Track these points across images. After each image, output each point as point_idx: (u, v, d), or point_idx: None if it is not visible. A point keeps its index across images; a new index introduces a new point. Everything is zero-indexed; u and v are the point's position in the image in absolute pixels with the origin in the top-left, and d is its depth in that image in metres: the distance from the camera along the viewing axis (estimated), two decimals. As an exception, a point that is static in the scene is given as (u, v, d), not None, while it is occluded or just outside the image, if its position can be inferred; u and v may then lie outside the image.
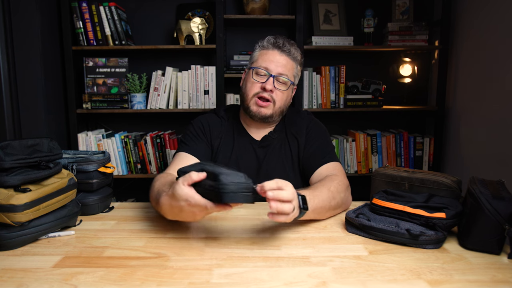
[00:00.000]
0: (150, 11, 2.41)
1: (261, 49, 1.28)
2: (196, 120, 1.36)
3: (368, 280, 0.72)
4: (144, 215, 1.09)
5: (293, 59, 1.27)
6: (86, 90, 2.25)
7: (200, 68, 2.23)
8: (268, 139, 1.31)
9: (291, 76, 1.26)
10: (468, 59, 2.10)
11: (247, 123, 1.34)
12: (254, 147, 1.31)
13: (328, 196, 1.01)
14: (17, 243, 0.85)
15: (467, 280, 0.72)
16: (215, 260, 0.80)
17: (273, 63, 1.23)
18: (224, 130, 1.33)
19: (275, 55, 1.24)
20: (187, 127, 1.35)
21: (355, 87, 2.31)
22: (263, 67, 1.23)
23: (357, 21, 2.35)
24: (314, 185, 1.07)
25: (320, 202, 0.98)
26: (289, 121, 1.35)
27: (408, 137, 2.35)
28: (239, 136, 1.32)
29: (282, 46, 1.24)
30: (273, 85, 1.22)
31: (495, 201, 0.81)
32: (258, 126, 1.32)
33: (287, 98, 1.29)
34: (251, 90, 1.25)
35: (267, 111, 1.25)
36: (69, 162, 1.08)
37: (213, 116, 1.36)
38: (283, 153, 1.31)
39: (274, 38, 1.26)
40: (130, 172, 2.30)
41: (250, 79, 1.25)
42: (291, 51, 1.25)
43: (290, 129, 1.33)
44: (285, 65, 1.24)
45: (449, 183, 1.09)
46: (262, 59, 1.25)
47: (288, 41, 1.27)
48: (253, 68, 1.26)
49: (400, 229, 0.87)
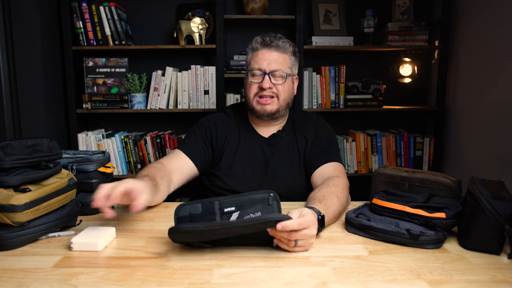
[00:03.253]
0: (150, 11, 2.41)
1: (252, 51, 1.30)
2: (203, 120, 1.38)
3: (368, 280, 0.72)
4: (144, 215, 1.09)
5: (283, 51, 1.27)
6: (86, 90, 2.25)
7: (200, 68, 2.23)
8: (276, 137, 1.33)
9: (286, 69, 1.28)
10: (468, 59, 2.10)
11: (255, 122, 1.36)
12: (261, 144, 1.32)
13: (338, 205, 1.03)
14: (17, 243, 0.85)
15: (467, 280, 0.72)
16: (215, 260, 0.80)
17: (264, 62, 1.25)
18: (230, 128, 1.35)
19: (265, 53, 1.26)
20: (193, 126, 1.38)
21: (355, 87, 2.31)
22: (256, 68, 1.26)
23: (357, 21, 2.35)
24: (323, 193, 1.04)
25: (332, 212, 0.99)
26: (298, 122, 1.37)
27: (408, 137, 2.35)
28: (246, 133, 1.34)
29: (269, 43, 1.26)
30: (270, 82, 1.25)
31: (495, 201, 0.81)
32: (266, 124, 1.34)
33: (289, 89, 1.31)
34: (251, 91, 1.28)
35: (272, 107, 1.27)
36: (69, 162, 1.08)
37: (221, 114, 1.39)
38: (291, 151, 1.33)
39: (261, 38, 1.28)
40: (130, 172, 2.30)
41: (248, 82, 1.29)
42: (279, 45, 1.26)
43: (299, 129, 1.35)
44: (277, 60, 1.26)
45: (449, 183, 1.09)
46: (254, 61, 1.27)
47: (275, 35, 1.28)
48: (248, 72, 1.29)
49: (400, 229, 0.87)
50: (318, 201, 0.98)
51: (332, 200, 1.01)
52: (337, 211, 1.02)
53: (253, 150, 1.32)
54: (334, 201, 1.01)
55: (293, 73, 1.32)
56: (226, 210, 0.83)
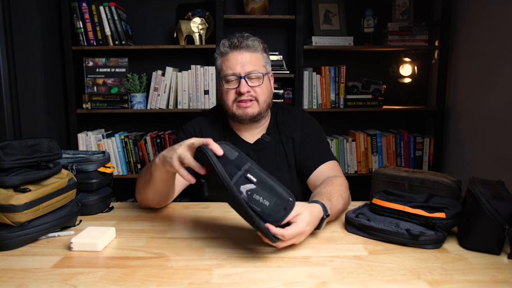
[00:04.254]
0: (150, 11, 2.41)
1: (221, 56, 1.25)
2: (187, 125, 1.33)
3: (368, 280, 0.72)
4: (144, 215, 1.09)
5: (254, 50, 1.22)
6: (86, 90, 2.25)
7: (200, 68, 2.23)
8: (262, 142, 1.29)
9: (260, 68, 1.23)
10: (468, 59, 2.10)
11: (237, 127, 1.31)
12: (247, 151, 1.28)
13: (342, 204, 1.03)
14: (17, 243, 0.85)
15: (467, 280, 0.72)
16: (215, 260, 0.80)
17: (237, 65, 1.20)
18: (216, 133, 1.30)
19: (236, 56, 1.21)
20: (178, 133, 1.34)
21: (355, 87, 2.31)
22: (230, 73, 1.20)
23: (357, 21, 2.35)
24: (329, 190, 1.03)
25: (336, 211, 1.00)
26: (281, 121, 1.32)
27: (408, 137, 2.35)
28: (231, 139, 1.30)
29: (239, 44, 1.21)
30: (247, 85, 1.20)
31: (495, 201, 0.81)
32: (249, 128, 1.30)
33: (268, 89, 1.26)
34: (229, 98, 1.23)
35: (254, 110, 1.22)
36: (69, 162, 1.08)
37: (204, 120, 1.34)
38: (278, 155, 1.29)
39: (228, 40, 1.23)
40: (130, 172, 2.30)
41: (224, 89, 1.23)
42: (249, 45, 1.21)
43: (283, 130, 1.30)
44: (250, 61, 1.21)
45: (449, 183, 1.09)
46: (226, 66, 1.22)
47: (242, 35, 1.22)
48: (221, 78, 1.24)
49: (400, 229, 0.87)
50: (326, 198, 0.97)
51: (338, 199, 1.01)
52: (340, 211, 1.03)
53: None
54: (339, 201, 1.02)
55: (267, 71, 1.27)
56: (248, 176, 0.81)
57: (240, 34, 1.23)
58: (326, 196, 0.98)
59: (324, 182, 1.10)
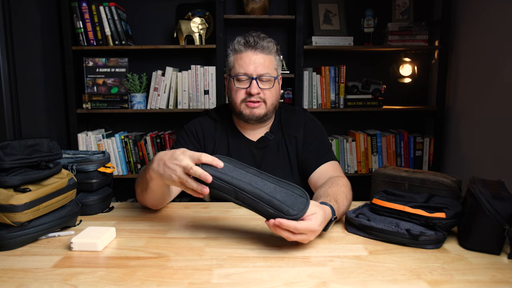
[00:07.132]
0: (150, 11, 2.41)
1: (234, 53, 1.23)
2: (189, 125, 1.33)
3: (368, 280, 0.72)
4: (144, 215, 1.09)
5: (269, 52, 1.21)
6: (86, 90, 2.25)
7: (200, 68, 2.23)
8: (265, 140, 1.29)
9: (272, 72, 1.22)
10: (468, 59, 2.10)
11: (241, 126, 1.31)
12: (250, 149, 1.29)
13: (346, 206, 1.03)
14: (17, 243, 0.85)
15: (467, 280, 0.72)
16: (215, 260, 0.80)
17: (250, 66, 1.18)
18: (218, 133, 1.30)
19: (250, 56, 1.19)
20: (180, 133, 1.33)
21: (355, 87, 2.31)
22: (242, 73, 1.19)
23: (357, 21, 2.35)
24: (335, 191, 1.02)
25: (341, 213, 0.99)
26: (285, 121, 1.33)
27: (408, 137, 2.35)
28: (234, 137, 1.30)
29: (254, 44, 1.19)
30: (258, 87, 1.19)
31: (495, 201, 0.81)
32: (253, 127, 1.30)
33: (276, 92, 1.26)
34: (238, 97, 1.22)
35: (261, 111, 1.22)
36: (69, 162, 1.08)
37: (207, 118, 1.34)
38: (281, 154, 1.29)
39: (244, 38, 1.20)
40: (130, 172, 2.30)
41: (233, 87, 1.22)
42: (264, 46, 1.20)
43: (286, 129, 1.31)
44: (263, 63, 1.20)
45: (449, 183, 1.09)
46: (239, 65, 1.20)
47: (258, 35, 1.21)
48: (233, 77, 1.22)
49: (400, 229, 0.87)
50: (334, 199, 0.97)
51: (343, 201, 1.01)
52: (343, 213, 1.02)
53: (242, 155, 1.27)
54: (344, 203, 1.01)
55: (278, 73, 1.26)
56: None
57: (256, 33, 1.21)
58: (333, 198, 0.98)
59: (328, 182, 1.09)
